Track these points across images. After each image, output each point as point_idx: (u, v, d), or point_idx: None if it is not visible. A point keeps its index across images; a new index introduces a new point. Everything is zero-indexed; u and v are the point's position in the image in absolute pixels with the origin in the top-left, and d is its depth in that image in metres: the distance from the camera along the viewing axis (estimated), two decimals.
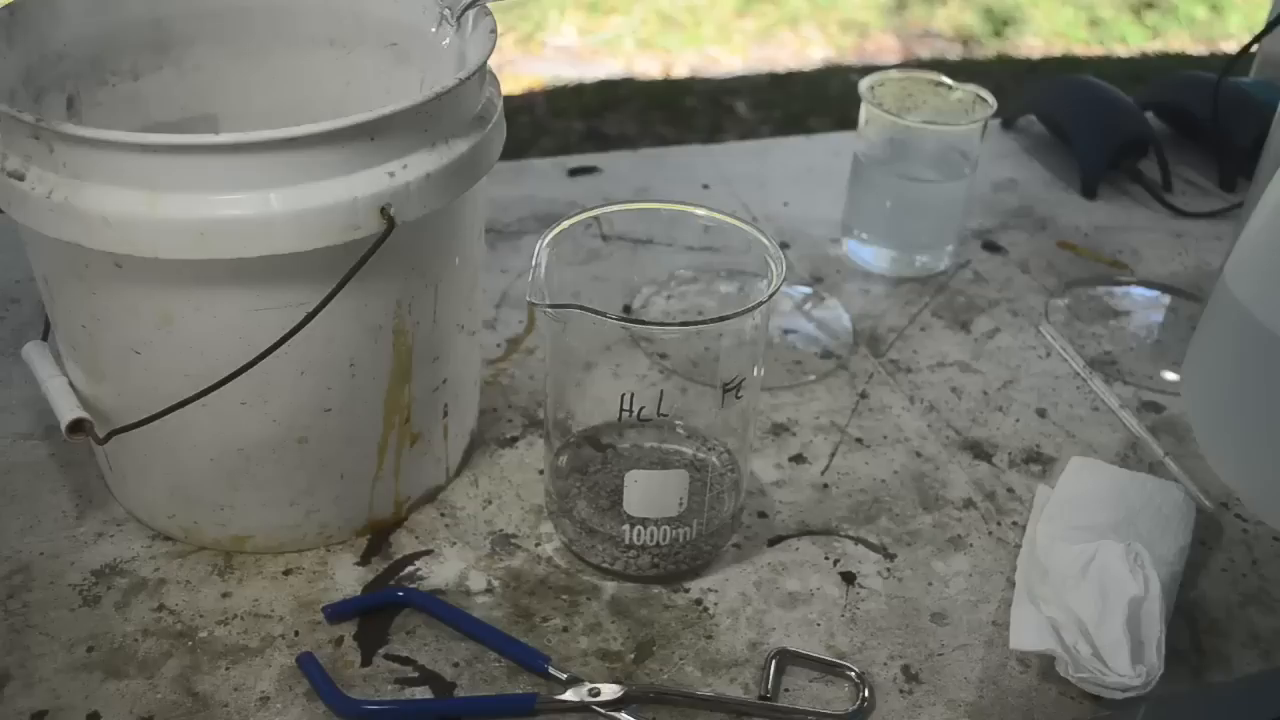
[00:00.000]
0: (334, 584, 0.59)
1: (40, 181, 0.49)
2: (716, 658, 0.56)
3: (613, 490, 0.59)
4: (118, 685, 0.54)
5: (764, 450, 0.70)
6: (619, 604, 0.59)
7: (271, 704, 0.53)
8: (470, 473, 0.67)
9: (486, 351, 0.75)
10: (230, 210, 0.48)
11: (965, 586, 0.61)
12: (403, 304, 0.56)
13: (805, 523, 0.65)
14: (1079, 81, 1.07)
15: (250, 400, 0.54)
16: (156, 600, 0.58)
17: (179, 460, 0.57)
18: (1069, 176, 1.03)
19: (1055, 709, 0.55)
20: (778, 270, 0.55)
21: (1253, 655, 0.58)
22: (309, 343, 0.52)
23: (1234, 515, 0.67)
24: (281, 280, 0.51)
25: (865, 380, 0.76)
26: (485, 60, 0.55)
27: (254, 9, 0.66)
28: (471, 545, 0.62)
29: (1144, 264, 0.91)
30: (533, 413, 0.71)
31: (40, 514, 0.62)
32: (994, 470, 0.69)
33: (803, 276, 0.87)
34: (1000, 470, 0.69)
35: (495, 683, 0.55)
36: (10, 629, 0.56)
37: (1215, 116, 1.01)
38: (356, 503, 0.61)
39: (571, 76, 2.82)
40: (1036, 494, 0.65)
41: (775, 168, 1.02)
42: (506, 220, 0.91)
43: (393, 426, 0.59)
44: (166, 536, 0.61)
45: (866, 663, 0.56)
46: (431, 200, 0.52)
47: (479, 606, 0.59)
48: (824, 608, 0.60)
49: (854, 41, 3.12)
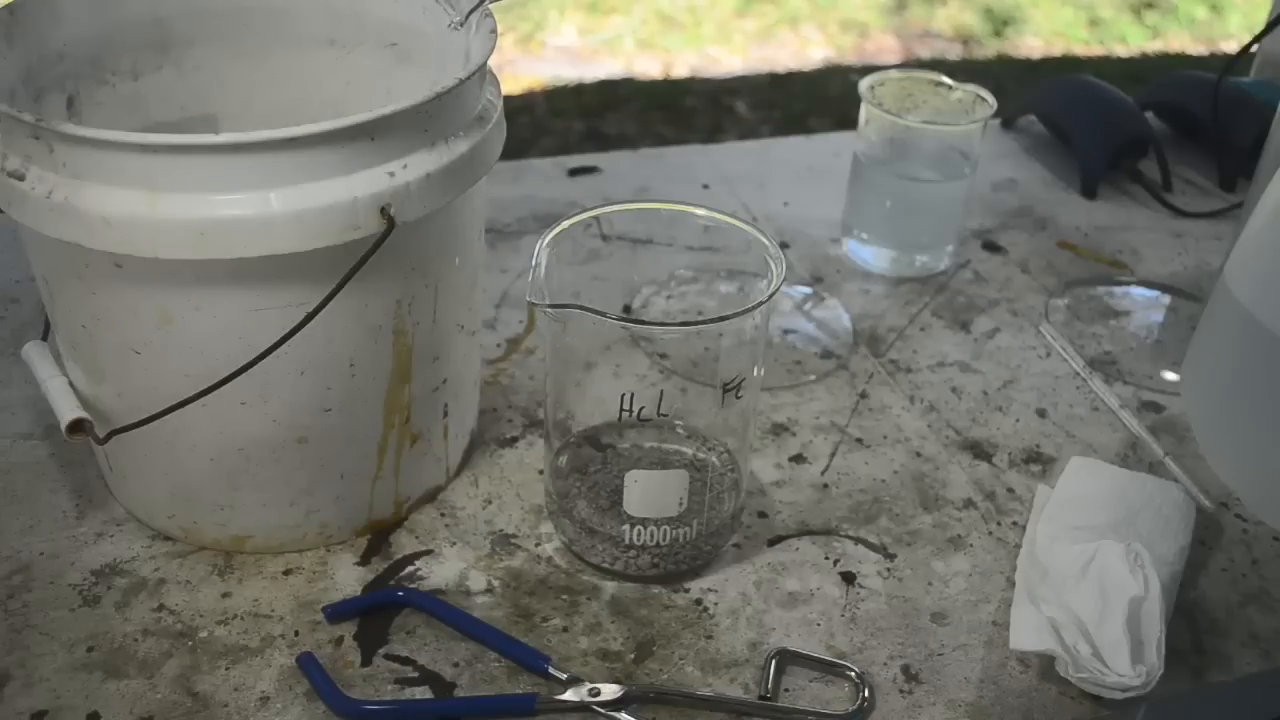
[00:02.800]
0: (334, 584, 0.59)
1: (40, 181, 0.49)
2: (716, 658, 0.56)
3: (613, 490, 0.59)
4: (118, 685, 0.54)
5: (764, 450, 0.70)
6: (619, 604, 0.59)
7: (271, 704, 0.53)
8: (470, 473, 0.67)
9: (486, 351, 0.75)
10: (230, 210, 0.48)
11: (965, 586, 0.61)
12: (403, 304, 0.56)
13: (805, 523, 0.65)
14: (1079, 81, 1.07)
15: (250, 400, 0.54)
16: (156, 600, 0.58)
17: (179, 460, 0.57)
18: (1069, 176, 1.03)
19: (1055, 709, 0.55)
20: (778, 270, 0.55)
21: (1253, 655, 0.58)
22: (309, 343, 0.52)
23: (1234, 515, 0.67)
24: (281, 280, 0.51)
25: (865, 380, 0.76)
26: (485, 60, 0.55)
27: (254, 9, 0.66)
28: (471, 545, 0.62)
29: (1144, 264, 0.91)
30: (533, 413, 0.71)
31: (40, 514, 0.62)
32: (994, 470, 0.69)
33: (803, 276, 0.87)
34: (1000, 470, 0.69)
35: (495, 683, 0.55)
36: (10, 629, 0.56)
37: (1215, 116, 1.01)
38: (356, 503, 0.61)
39: (571, 76, 2.82)
40: (1036, 494, 0.65)
41: (775, 168, 1.02)
42: (506, 220, 0.91)
43: (393, 426, 0.59)
44: (166, 536, 0.61)
45: (866, 663, 0.56)
46: (431, 200, 0.52)
47: (479, 606, 0.59)
48: (824, 608, 0.60)
49: (854, 41, 3.12)
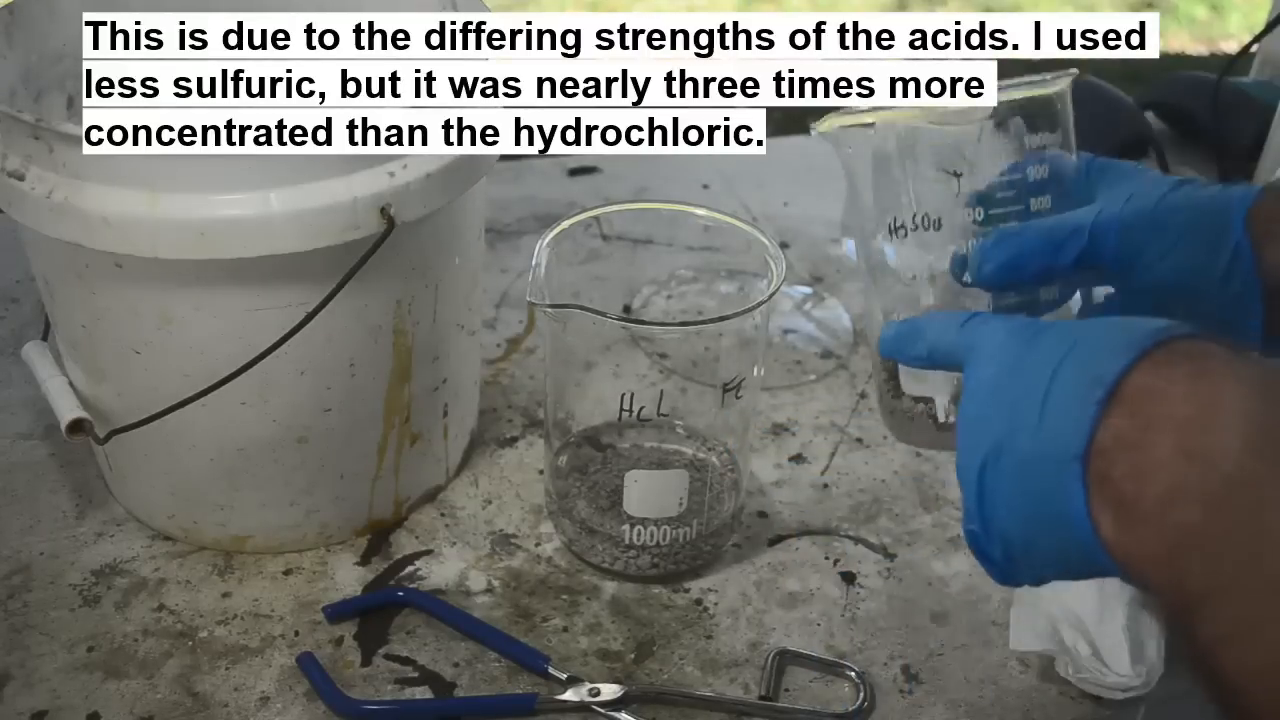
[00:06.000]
0: (334, 584, 0.59)
1: (40, 181, 0.49)
2: (716, 658, 0.56)
3: (613, 490, 0.59)
4: (118, 685, 0.54)
5: (764, 450, 0.69)
6: (619, 604, 0.59)
7: (271, 704, 0.53)
8: (470, 473, 0.67)
9: (486, 351, 0.75)
10: (230, 210, 0.48)
11: (965, 586, 0.61)
12: (403, 304, 0.56)
13: (805, 523, 0.65)
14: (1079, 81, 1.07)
15: (250, 400, 0.54)
16: (156, 600, 0.58)
17: (179, 460, 0.57)
18: None
19: (1055, 709, 0.54)
20: (778, 270, 0.55)
21: None
22: (309, 343, 0.52)
23: None
24: (281, 280, 0.51)
25: (865, 380, 0.76)
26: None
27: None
28: (471, 545, 0.62)
29: None
30: (533, 413, 0.71)
31: (40, 514, 0.62)
32: None
33: (803, 276, 0.87)
34: None
35: (495, 683, 0.55)
36: (10, 629, 0.56)
37: (1215, 116, 1.01)
38: (356, 503, 0.61)
39: None
40: None
41: (775, 168, 1.02)
42: (506, 220, 0.91)
43: (393, 426, 0.59)
44: (166, 536, 0.61)
45: (866, 663, 0.56)
46: (431, 200, 0.52)
47: (479, 606, 0.59)
48: (824, 608, 0.59)
49: None
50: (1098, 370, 0.35)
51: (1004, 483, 0.39)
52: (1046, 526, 0.37)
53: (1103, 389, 0.35)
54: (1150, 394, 0.34)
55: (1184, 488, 0.33)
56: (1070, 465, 0.35)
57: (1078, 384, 0.36)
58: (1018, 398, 0.38)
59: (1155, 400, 0.34)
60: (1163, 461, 0.33)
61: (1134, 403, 0.34)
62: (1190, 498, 0.32)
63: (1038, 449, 0.37)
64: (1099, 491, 0.35)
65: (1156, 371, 0.35)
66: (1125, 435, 0.34)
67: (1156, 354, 0.35)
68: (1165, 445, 0.33)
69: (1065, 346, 0.37)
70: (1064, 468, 0.35)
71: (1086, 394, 0.35)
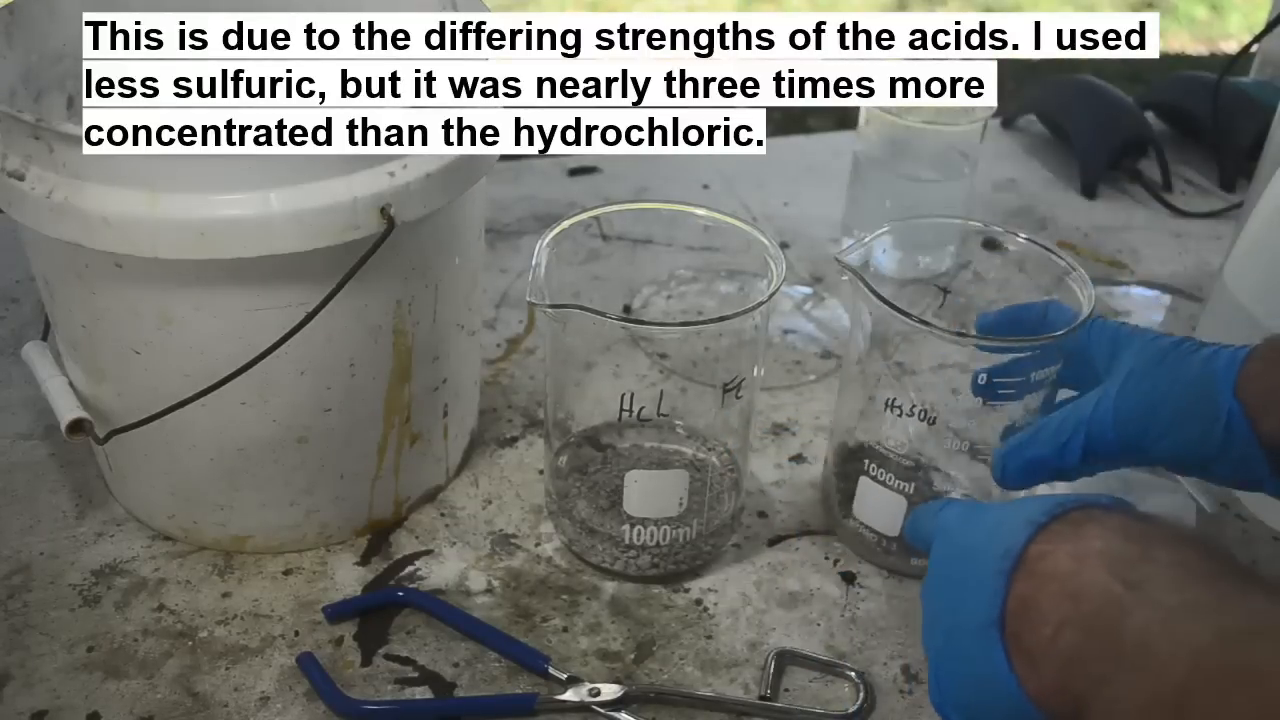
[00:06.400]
0: (334, 584, 0.59)
1: (40, 181, 0.49)
2: (716, 658, 0.56)
3: (613, 490, 0.59)
4: (118, 685, 0.54)
5: (764, 450, 0.69)
6: (619, 604, 0.59)
7: (271, 704, 0.53)
8: (470, 473, 0.67)
9: (486, 351, 0.75)
10: (230, 210, 0.48)
11: None
12: (403, 304, 0.56)
13: (805, 523, 0.65)
14: (1079, 81, 1.07)
15: (250, 400, 0.54)
16: (156, 600, 0.58)
17: (179, 460, 0.57)
18: (1069, 176, 1.03)
19: None
20: (778, 270, 0.55)
21: None
22: (309, 343, 0.52)
23: (1234, 515, 0.67)
24: (281, 280, 0.51)
25: None
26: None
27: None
28: (471, 545, 0.62)
29: (1144, 264, 0.91)
30: (533, 413, 0.71)
31: (40, 514, 0.62)
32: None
33: (803, 276, 0.87)
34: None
35: (495, 683, 0.55)
36: (10, 629, 0.56)
37: (1215, 116, 1.01)
38: (356, 503, 0.61)
39: None
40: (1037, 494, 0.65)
41: (775, 168, 1.02)
42: (506, 220, 0.91)
43: (393, 426, 0.59)
44: (166, 536, 0.61)
45: (866, 663, 0.56)
46: (431, 200, 0.52)
47: (479, 606, 0.59)
48: (824, 608, 0.59)
49: None
50: (1008, 544, 0.40)
51: (948, 653, 0.43)
52: (985, 691, 0.40)
53: (1010, 560, 0.40)
54: (1042, 558, 0.39)
55: (1067, 621, 0.37)
56: (989, 631, 0.40)
57: (993, 558, 0.40)
58: (953, 575, 0.43)
59: (1045, 561, 0.39)
60: (1052, 606, 0.38)
61: (1031, 567, 0.39)
62: (1072, 627, 0.37)
63: (966, 620, 0.41)
64: (1015, 648, 0.39)
65: (1049, 539, 0.40)
66: (1027, 596, 0.39)
67: (1052, 525, 0.40)
68: (1052, 593, 0.38)
69: (990, 526, 0.42)
70: (985, 633, 0.40)
71: (998, 565, 0.40)
